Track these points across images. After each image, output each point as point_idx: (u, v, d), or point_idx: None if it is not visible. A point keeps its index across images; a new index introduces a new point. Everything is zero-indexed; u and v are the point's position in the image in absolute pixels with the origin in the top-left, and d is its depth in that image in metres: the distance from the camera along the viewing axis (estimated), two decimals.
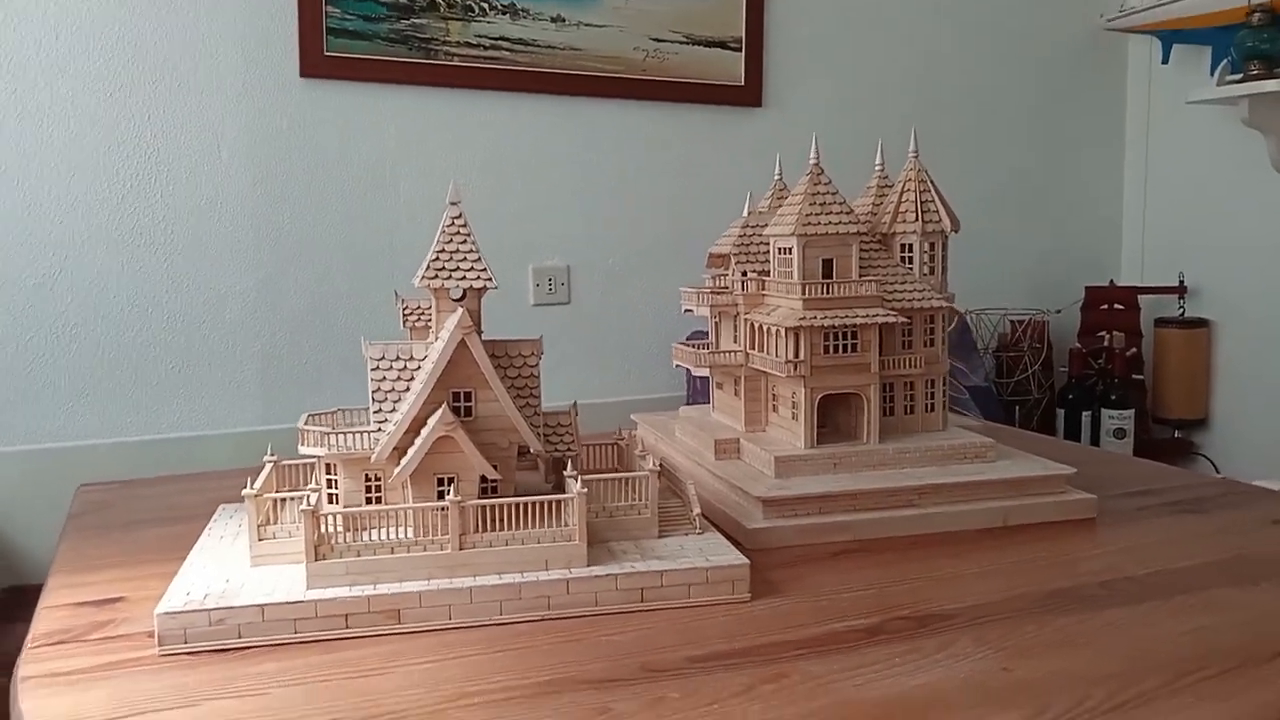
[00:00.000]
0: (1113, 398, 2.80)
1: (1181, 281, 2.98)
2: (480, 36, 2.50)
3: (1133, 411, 2.80)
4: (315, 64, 2.33)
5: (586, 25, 2.60)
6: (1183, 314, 2.96)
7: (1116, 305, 2.97)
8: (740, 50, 2.77)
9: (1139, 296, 2.97)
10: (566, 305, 2.59)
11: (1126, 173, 3.27)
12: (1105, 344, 2.88)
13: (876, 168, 1.28)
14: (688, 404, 2.54)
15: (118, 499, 1.21)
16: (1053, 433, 2.85)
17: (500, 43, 2.52)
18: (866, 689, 0.68)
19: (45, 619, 0.80)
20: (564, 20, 2.58)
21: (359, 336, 2.36)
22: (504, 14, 2.52)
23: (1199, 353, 2.96)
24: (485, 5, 2.51)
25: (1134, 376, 2.91)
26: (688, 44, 2.72)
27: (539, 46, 2.56)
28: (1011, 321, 2.92)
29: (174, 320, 2.21)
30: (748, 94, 2.78)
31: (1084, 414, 2.81)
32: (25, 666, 0.72)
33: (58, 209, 2.11)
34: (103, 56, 2.12)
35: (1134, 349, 2.91)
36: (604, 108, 2.62)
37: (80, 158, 2.12)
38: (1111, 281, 3.10)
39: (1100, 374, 2.85)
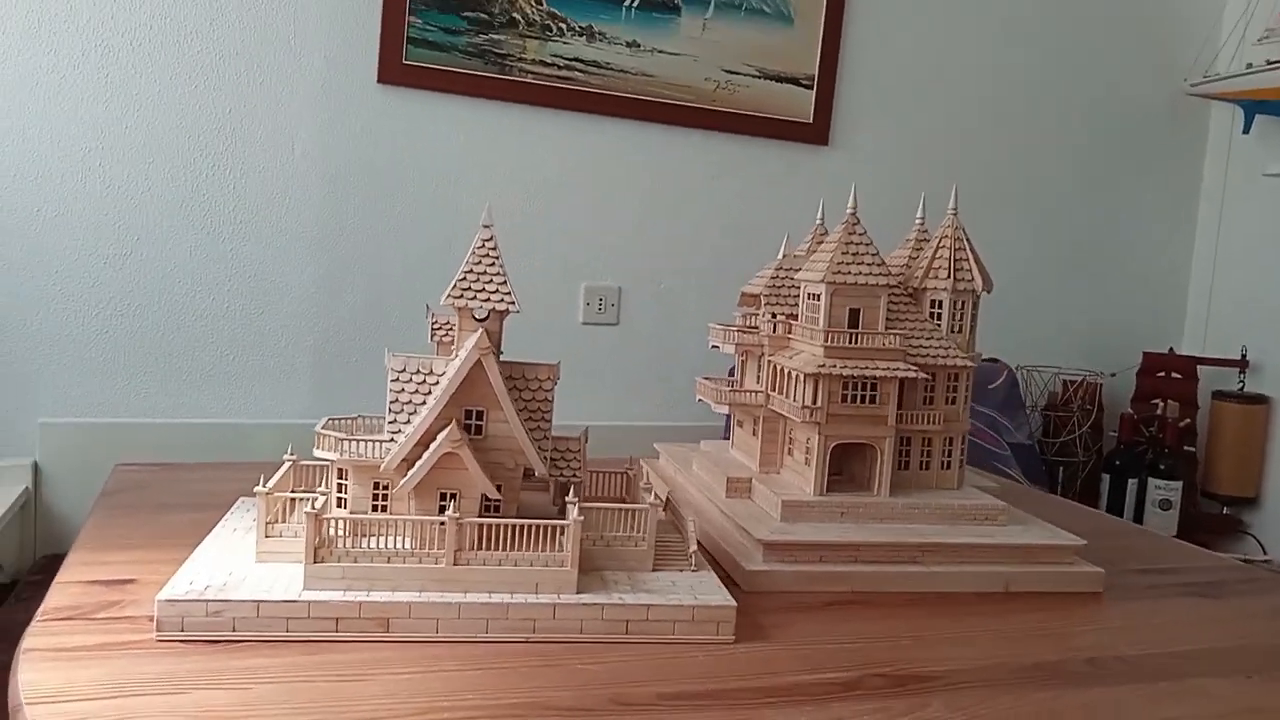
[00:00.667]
0: (1162, 467, 2.75)
1: (1244, 355, 2.91)
2: (556, 56, 2.55)
3: (1181, 483, 2.74)
4: (393, 71, 2.40)
5: (660, 52, 2.64)
6: (1242, 388, 2.89)
7: (1174, 374, 2.91)
8: (812, 88, 2.78)
9: (1198, 367, 2.91)
10: (615, 326, 2.62)
11: (1198, 240, 3.21)
12: (1159, 412, 2.82)
13: (917, 221, 1.28)
14: (725, 436, 2.55)
15: (153, 480, 1.26)
16: (1096, 497, 2.80)
17: (574, 63, 2.57)
18: None
19: (58, 594, 0.84)
20: (639, 46, 2.62)
21: (409, 340, 2.41)
22: (581, 36, 2.57)
23: (1256, 429, 2.88)
24: (563, 26, 2.56)
25: (1186, 448, 2.84)
26: (760, 78, 2.74)
27: (612, 70, 2.60)
28: (1064, 381, 2.88)
29: (233, 308, 2.29)
30: (815, 132, 2.79)
31: (1130, 481, 2.76)
32: (30, 639, 0.76)
33: (135, 191, 2.20)
34: (191, 48, 2.21)
35: (1188, 420, 2.85)
36: (670, 134, 2.65)
37: (161, 144, 2.20)
38: (1171, 349, 3.04)
39: (1151, 442, 2.80)
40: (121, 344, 2.22)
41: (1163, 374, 2.93)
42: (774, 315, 1.20)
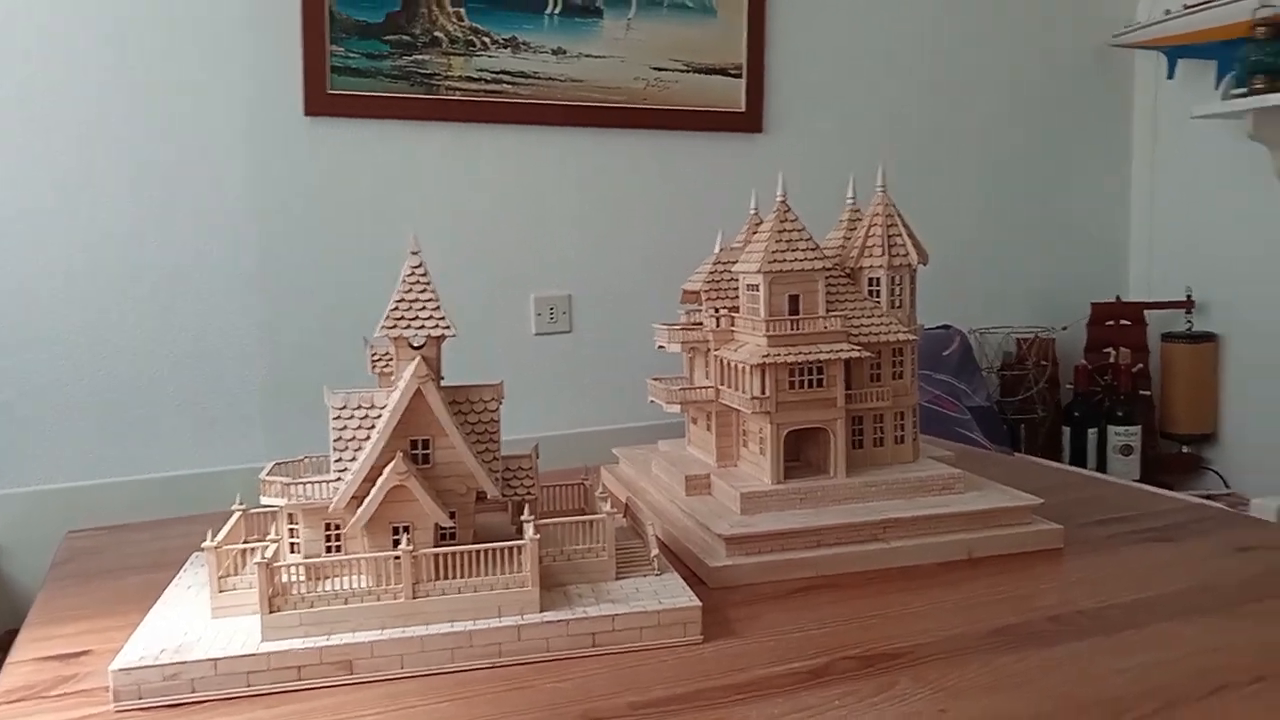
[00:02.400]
0: (1119, 414, 2.79)
1: (1189, 296, 2.96)
2: (482, 71, 2.54)
3: (1140, 427, 2.78)
4: (320, 102, 2.38)
5: (587, 56, 2.63)
6: (1190, 328, 2.94)
7: (1123, 321, 2.95)
8: (741, 77, 2.79)
9: (1146, 312, 2.96)
10: (568, 334, 2.61)
11: (1133, 188, 3.25)
12: (1111, 360, 2.86)
13: (848, 201, 1.29)
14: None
15: (105, 545, 1.23)
16: (1059, 451, 2.84)
17: (502, 76, 2.56)
18: None
19: (10, 674, 0.83)
20: (565, 52, 2.61)
21: (361, 373, 2.37)
22: (505, 48, 2.56)
23: (1207, 367, 2.93)
24: (486, 40, 2.55)
25: (1141, 392, 2.88)
26: (689, 72, 2.74)
27: (540, 79, 2.59)
28: (1017, 340, 2.91)
29: (177, 357, 2.25)
30: (749, 120, 2.80)
31: (1090, 431, 2.80)
32: None
33: (62, 248, 2.16)
34: (109, 91, 2.17)
35: (1140, 364, 2.89)
36: (606, 137, 2.65)
37: (84, 197, 2.17)
38: (1118, 297, 3.08)
39: (1106, 390, 2.84)
40: (65, 407, 2.18)
41: (1112, 322, 2.97)
42: (716, 310, 1.20)
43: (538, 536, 0.85)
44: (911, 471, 1.13)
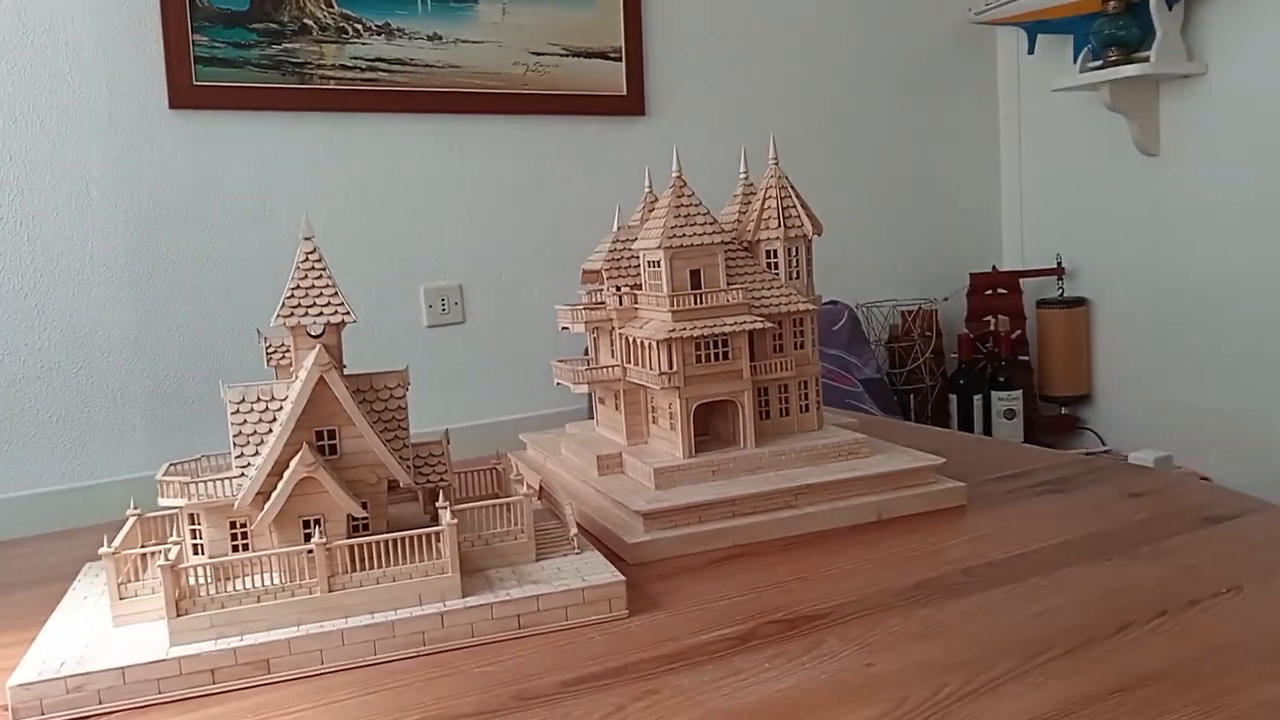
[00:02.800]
0: (1001, 380, 2.90)
1: (1059, 263, 3.09)
2: (356, 59, 2.47)
3: (1021, 392, 2.89)
4: (185, 95, 2.28)
5: (464, 42, 2.59)
6: (1062, 294, 3.08)
7: (1000, 290, 3.07)
8: (620, 60, 2.79)
9: (1020, 280, 3.08)
10: (461, 324, 2.57)
11: (1001, 160, 3.38)
12: (991, 328, 2.97)
13: (741, 175, 1.30)
14: (589, 416, 2.55)
15: None
16: (947, 418, 2.94)
17: (377, 64, 2.50)
18: (734, 698, 0.69)
19: None
20: (441, 38, 2.57)
21: (247, 371, 2.31)
22: (379, 34, 2.50)
23: (1079, 331, 3.07)
24: (359, 26, 2.49)
25: (1020, 358, 3.01)
26: (568, 56, 2.72)
27: (417, 66, 2.54)
28: (902, 312, 2.99)
29: (49, 366, 2.14)
30: (630, 103, 2.80)
31: (975, 397, 2.90)
32: None
33: None
34: None
35: (1019, 331, 3.01)
36: (487, 124, 2.61)
37: None
38: (994, 267, 3.20)
39: (989, 357, 2.95)
40: None
41: (990, 291, 3.08)
42: (618, 288, 1.20)
43: (455, 521, 0.84)
44: (818, 439, 1.15)
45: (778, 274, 1.20)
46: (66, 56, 2.14)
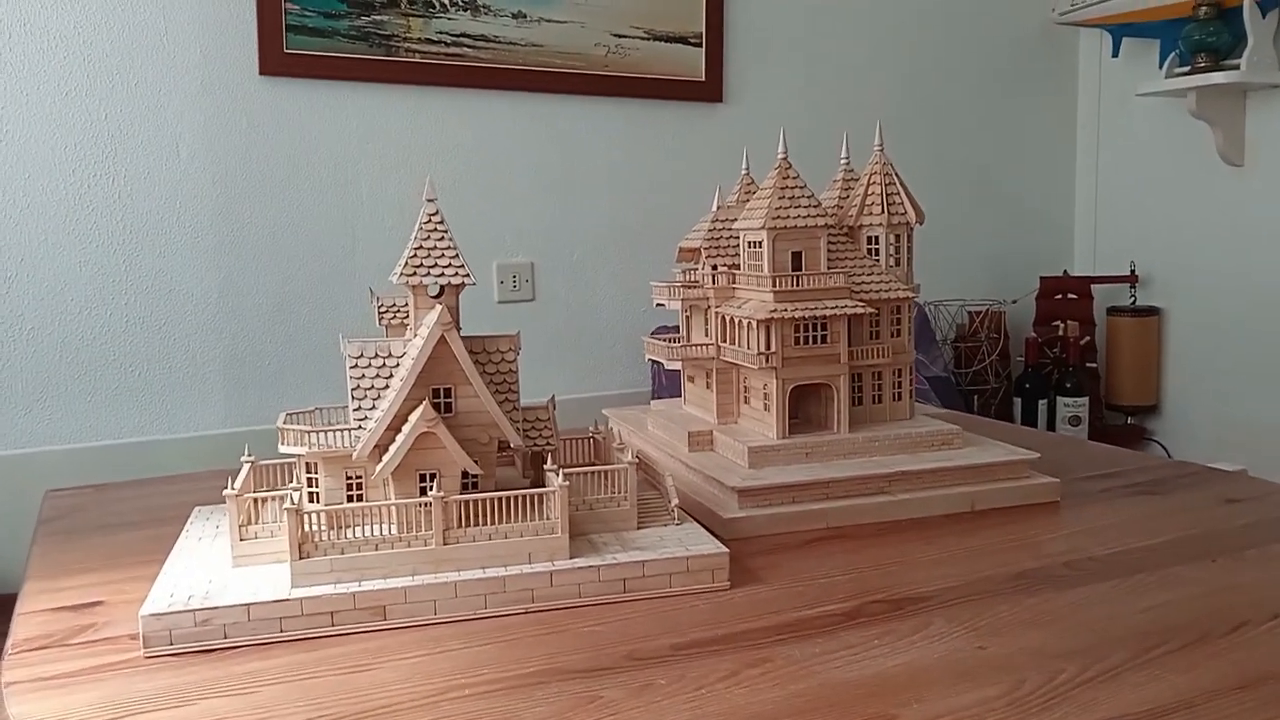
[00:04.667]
0: (1067, 386, 2.86)
1: (1133, 270, 3.05)
2: (441, 33, 2.50)
3: (1087, 399, 2.86)
4: (275, 62, 2.32)
5: (548, 21, 2.61)
6: (1134, 302, 3.03)
7: (1070, 295, 3.03)
8: (700, 45, 2.79)
9: (1092, 286, 3.04)
10: (531, 302, 2.59)
11: (1079, 164, 3.33)
12: (1060, 333, 2.94)
13: (842, 161, 1.30)
14: (654, 398, 2.55)
15: (89, 503, 1.20)
16: (1010, 421, 2.91)
17: (461, 39, 2.52)
18: (847, 670, 0.70)
19: (24, 624, 0.80)
20: (525, 16, 2.58)
21: (323, 336, 2.34)
22: (465, 10, 2.52)
23: (1150, 340, 3.03)
24: (446, 1, 2.51)
25: (1088, 364, 2.97)
26: (648, 39, 2.73)
27: (500, 43, 2.56)
28: (969, 312, 2.97)
29: (134, 322, 2.19)
30: (709, 89, 2.80)
31: (1040, 402, 2.87)
32: (9, 672, 0.72)
33: (15, 211, 2.08)
34: (57, 56, 2.09)
35: (1088, 337, 2.98)
36: (565, 104, 2.62)
37: (37, 159, 2.09)
38: (1065, 271, 3.16)
39: (1055, 363, 2.91)
40: (17, 371, 2.10)
41: (1060, 296, 3.05)
42: (715, 267, 1.21)
43: (566, 484, 0.85)
44: (912, 427, 1.15)
45: (878, 260, 1.20)
46: (163, 20, 2.18)
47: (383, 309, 1.03)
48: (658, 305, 1.27)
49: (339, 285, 2.34)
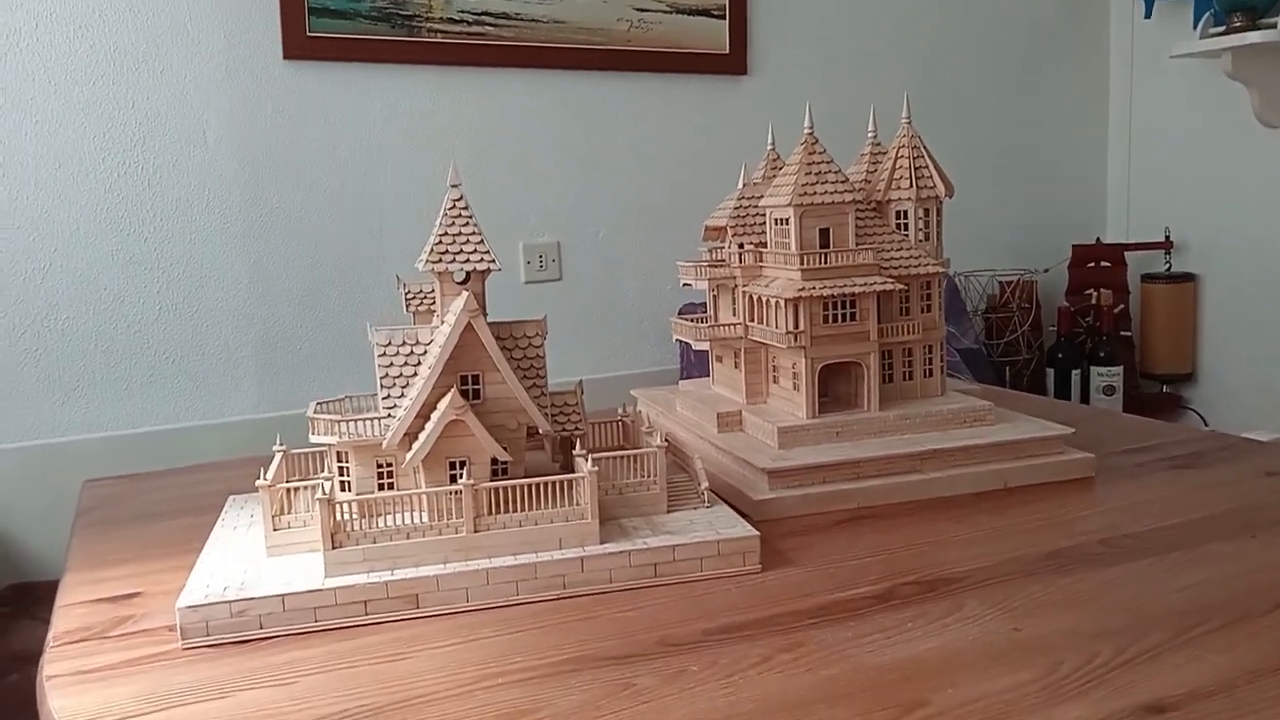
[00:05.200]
0: (1101, 355, 2.83)
1: (1167, 236, 3.00)
2: (463, 12, 2.48)
3: (1121, 368, 2.82)
4: (298, 45, 2.32)
5: None
6: (1169, 269, 2.98)
7: (1103, 263, 2.99)
8: (724, 18, 2.76)
9: (1125, 253, 2.99)
10: (558, 281, 2.59)
11: (1110, 129, 3.27)
12: (1093, 302, 2.90)
13: (869, 134, 1.28)
14: (682, 377, 2.55)
15: (126, 493, 1.21)
16: (1043, 392, 2.88)
17: (484, 18, 2.51)
18: (880, 654, 0.70)
19: (64, 617, 0.81)
20: None
21: (353, 320, 2.35)
22: None
23: (1186, 307, 2.98)
24: None
25: (1122, 333, 2.93)
26: (671, 13, 2.70)
27: (522, 20, 2.54)
28: (1000, 283, 2.93)
29: (166, 310, 2.21)
30: (733, 62, 2.77)
31: (1073, 372, 2.84)
32: (50, 665, 0.73)
33: (45, 201, 2.10)
34: (82, 44, 2.10)
35: (1121, 305, 2.93)
36: (589, 80, 2.61)
37: (65, 148, 2.10)
38: (1098, 239, 3.12)
39: (1089, 332, 2.88)
40: (52, 360, 2.13)
41: (1092, 264, 3.00)
42: (741, 245, 1.20)
43: (595, 469, 0.85)
44: (943, 404, 1.14)
45: (907, 235, 1.18)
46: (186, 6, 2.18)
47: (410, 296, 1.04)
48: (684, 285, 1.26)
49: (368, 268, 2.34)
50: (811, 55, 2.84)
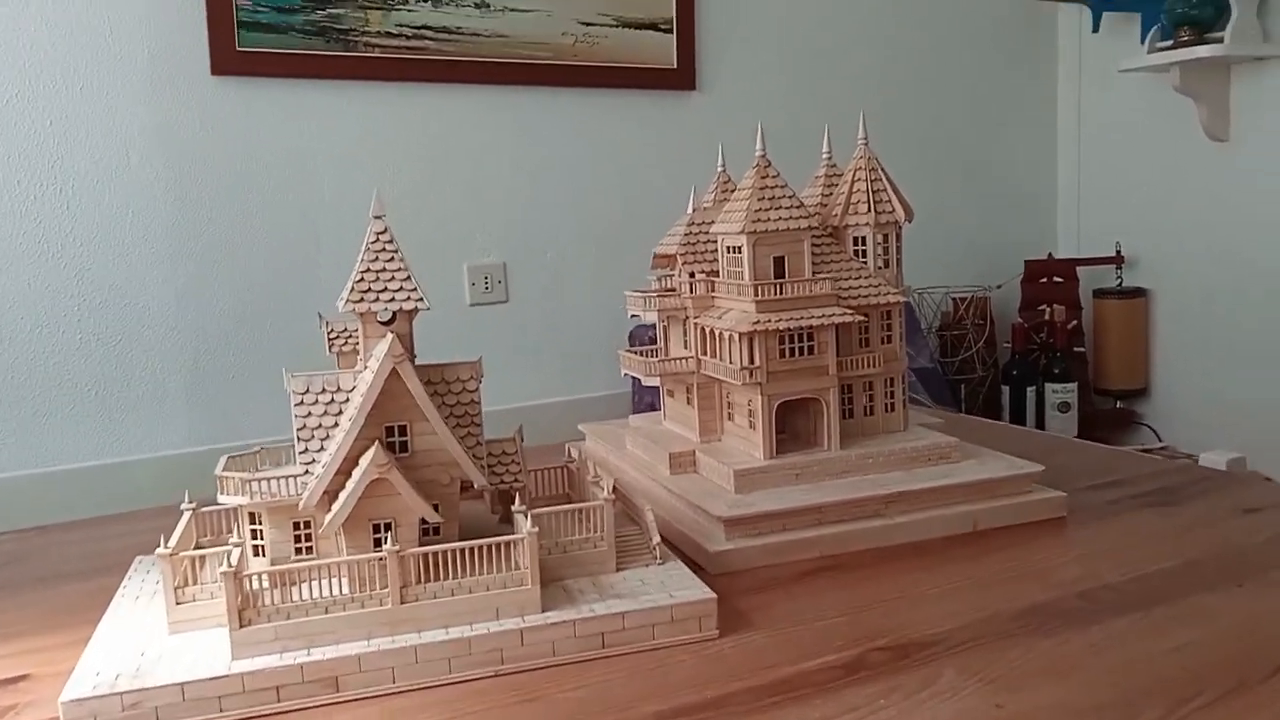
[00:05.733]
0: (1056, 371, 2.81)
1: (1118, 251, 2.99)
2: (402, 26, 2.41)
3: (1076, 384, 2.80)
4: (227, 61, 2.22)
5: (512, 10, 2.52)
6: (1120, 284, 2.98)
7: (1056, 278, 2.97)
8: (671, 32, 2.70)
9: (1077, 268, 2.98)
10: (505, 304, 2.51)
11: (1060, 144, 3.27)
12: (1046, 318, 2.88)
13: (824, 156, 1.22)
14: (633, 401, 2.48)
15: (30, 549, 1.12)
16: (998, 410, 2.85)
17: (423, 31, 2.43)
18: None
19: None
20: (488, 6, 2.50)
21: (289, 347, 2.24)
22: (425, 1, 2.42)
23: (1138, 322, 2.97)
24: None
25: (1076, 349, 2.91)
26: (617, 27, 2.64)
27: (464, 34, 2.47)
28: (954, 299, 2.90)
29: (88, 339, 2.09)
30: (681, 77, 2.72)
31: (1028, 389, 2.81)
32: None
33: None
34: None
35: (1075, 321, 2.92)
36: (534, 96, 2.54)
37: None
38: (1050, 254, 3.10)
39: (1043, 348, 2.86)
40: None
41: (1045, 279, 2.99)
42: (693, 275, 1.13)
43: (535, 530, 0.77)
44: (907, 441, 1.08)
45: (865, 263, 1.12)
46: (107, 19, 2.08)
47: (332, 335, 0.96)
48: (632, 316, 1.19)
49: (303, 293, 2.25)
50: (762, 69, 2.79)
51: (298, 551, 0.81)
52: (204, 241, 2.19)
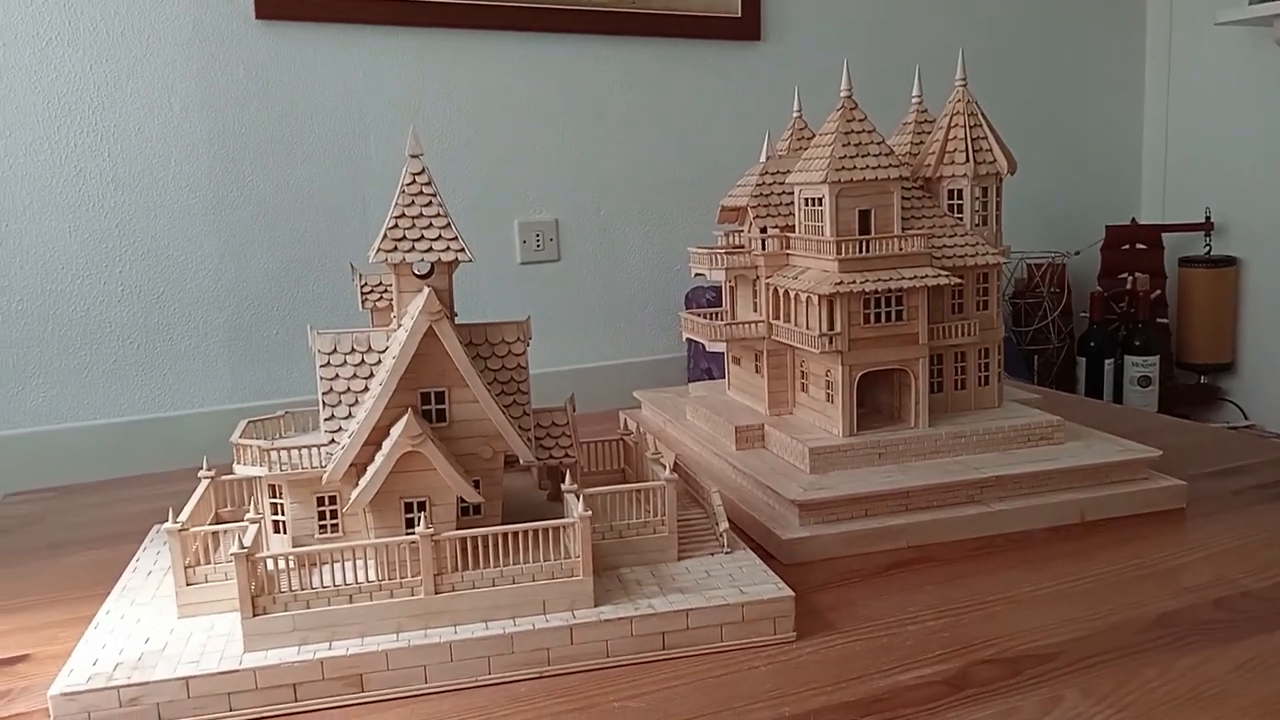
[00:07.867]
0: (1136, 343, 2.65)
1: (1208, 217, 2.81)
2: None
3: (1157, 357, 2.64)
4: (272, 3, 2.13)
5: None
6: (1209, 252, 2.80)
7: (1139, 245, 2.80)
8: None
9: (1163, 235, 2.80)
10: (556, 263, 2.41)
11: (1147, 103, 3.07)
12: (1128, 286, 2.72)
13: (914, 100, 1.11)
14: (689, 367, 2.38)
15: (49, 510, 1.05)
16: (1074, 383, 2.70)
17: None
18: None
19: None
20: None
21: (333, 302, 2.14)
22: None
23: (1226, 292, 2.79)
24: None
25: (1158, 320, 2.75)
26: None
27: None
28: (1029, 265, 2.75)
29: (130, 291, 2.03)
30: (745, 27, 2.58)
31: (1106, 362, 2.66)
32: None
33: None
34: (35, 3, 1.91)
35: (1158, 290, 2.75)
36: (589, 45, 2.42)
37: (17, 116, 1.92)
38: (1133, 219, 2.93)
39: (1123, 318, 2.70)
40: (9, 345, 1.96)
41: (1127, 246, 2.82)
42: (765, 229, 1.02)
43: (589, 513, 0.68)
44: (1004, 419, 0.96)
45: (961, 219, 1.01)
46: None
47: (366, 289, 0.86)
48: (696, 275, 1.08)
49: (348, 246, 2.16)
50: (830, 19, 2.64)
51: (322, 529, 0.72)
52: (247, 192, 2.11)
